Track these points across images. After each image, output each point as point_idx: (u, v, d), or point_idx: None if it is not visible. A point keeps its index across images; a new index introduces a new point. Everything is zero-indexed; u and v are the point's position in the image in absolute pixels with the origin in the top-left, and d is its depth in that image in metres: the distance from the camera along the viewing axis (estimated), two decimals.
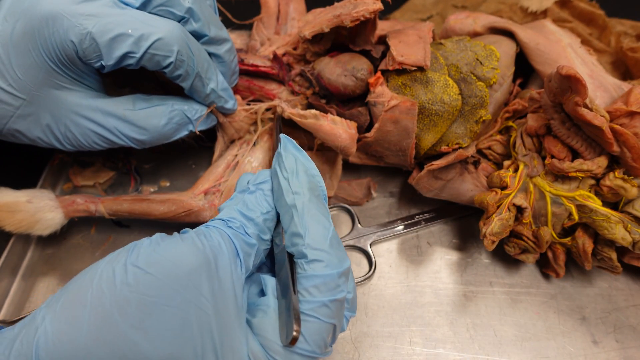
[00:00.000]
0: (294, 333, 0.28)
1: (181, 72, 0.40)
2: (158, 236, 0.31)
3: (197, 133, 0.46)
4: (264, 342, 0.30)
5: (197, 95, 0.44)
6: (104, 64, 0.38)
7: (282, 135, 0.36)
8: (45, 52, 0.38)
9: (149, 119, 0.43)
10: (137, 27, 0.37)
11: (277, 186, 0.34)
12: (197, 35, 0.42)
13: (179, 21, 0.40)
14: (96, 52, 0.37)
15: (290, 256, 0.32)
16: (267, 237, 0.34)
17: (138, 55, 0.38)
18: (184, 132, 0.46)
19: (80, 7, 0.37)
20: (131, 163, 0.55)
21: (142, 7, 0.39)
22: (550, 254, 0.44)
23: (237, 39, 0.56)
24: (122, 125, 0.42)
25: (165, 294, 0.27)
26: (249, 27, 0.55)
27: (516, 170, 0.44)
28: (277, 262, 0.33)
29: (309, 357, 0.30)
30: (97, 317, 0.26)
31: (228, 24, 0.57)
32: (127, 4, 0.39)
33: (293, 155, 0.34)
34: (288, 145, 0.35)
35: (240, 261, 0.31)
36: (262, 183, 0.35)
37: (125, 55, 0.38)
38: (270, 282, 0.32)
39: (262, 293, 0.33)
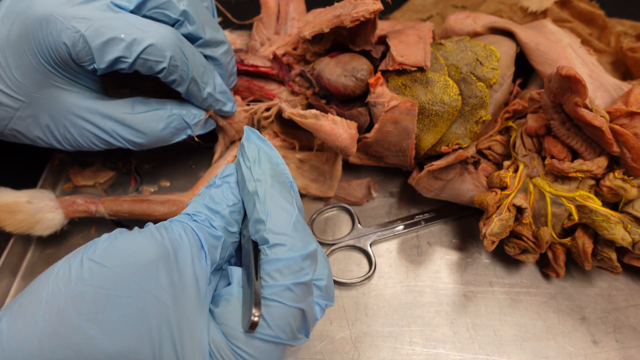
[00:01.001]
0: (254, 317, 0.27)
1: (175, 77, 0.40)
2: (117, 231, 0.30)
3: (196, 140, 0.46)
4: (226, 330, 0.29)
5: (194, 99, 0.44)
6: (96, 67, 0.38)
7: (245, 127, 0.35)
8: (40, 54, 0.38)
9: (148, 123, 0.43)
10: (130, 32, 0.37)
11: (241, 176, 0.33)
12: (192, 38, 0.42)
13: (174, 24, 0.40)
14: (89, 55, 0.37)
15: (255, 244, 0.31)
16: (235, 229, 0.33)
17: (130, 60, 0.38)
18: (182, 136, 0.46)
19: (73, 9, 0.37)
20: (131, 163, 0.55)
21: (137, 10, 0.39)
22: (550, 254, 0.44)
23: (237, 39, 0.56)
24: (120, 129, 0.43)
25: (121, 285, 0.27)
26: (249, 27, 0.55)
27: (516, 170, 0.44)
28: (244, 252, 0.33)
29: (273, 343, 0.29)
30: (51, 313, 0.26)
31: (228, 24, 0.57)
32: (121, 8, 0.39)
33: (256, 144, 0.34)
34: (251, 136, 0.35)
35: (205, 253, 0.31)
36: (228, 176, 0.35)
37: (118, 60, 0.38)
38: (236, 273, 0.32)
39: None
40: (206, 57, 0.43)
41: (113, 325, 0.26)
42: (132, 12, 0.39)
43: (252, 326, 0.28)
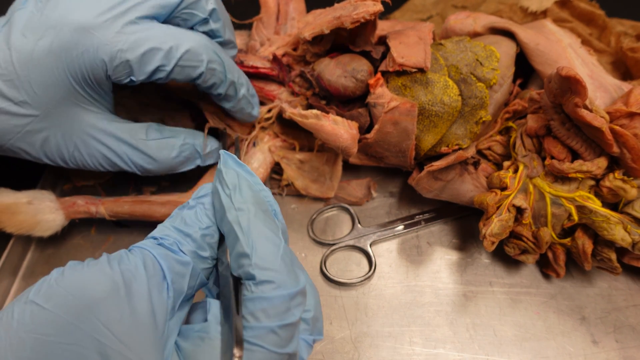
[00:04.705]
0: (235, 359, 0.25)
1: (215, 80, 0.40)
2: (68, 265, 0.28)
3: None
4: None
5: (228, 101, 0.43)
6: (134, 79, 0.38)
7: (222, 151, 0.33)
8: (71, 71, 0.37)
9: (161, 150, 0.43)
10: (166, 40, 0.37)
11: (219, 205, 0.31)
12: (212, 36, 0.42)
13: (198, 23, 0.41)
14: (127, 69, 0.37)
15: (236, 278, 0.29)
16: (207, 254, 0.31)
17: (169, 68, 0.38)
18: (191, 166, 0.46)
19: (108, 25, 0.37)
20: None
21: (168, 14, 0.39)
22: (550, 254, 0.44)
23: (237, 38, 0.56)
24: (132, 153, 0.42)
25: (63, 330, 0.25)
26: (249, 27, 0.55)
27: (516, 171, 0.44)
28: (222, 283, 0.30)
29: None
30: None
31: None
32: (153, 17, 0.39)
33: (234, 170, 0.32)
34: (228, 161, 0.32)
35: (168, 284, 0.29)
36: (202, 197, 0.32)
37: (157, 70, 0.38)
38: (214, 306, 0.29)
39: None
40: None
41: None
42: (165, 16, 0.39)
43: None
